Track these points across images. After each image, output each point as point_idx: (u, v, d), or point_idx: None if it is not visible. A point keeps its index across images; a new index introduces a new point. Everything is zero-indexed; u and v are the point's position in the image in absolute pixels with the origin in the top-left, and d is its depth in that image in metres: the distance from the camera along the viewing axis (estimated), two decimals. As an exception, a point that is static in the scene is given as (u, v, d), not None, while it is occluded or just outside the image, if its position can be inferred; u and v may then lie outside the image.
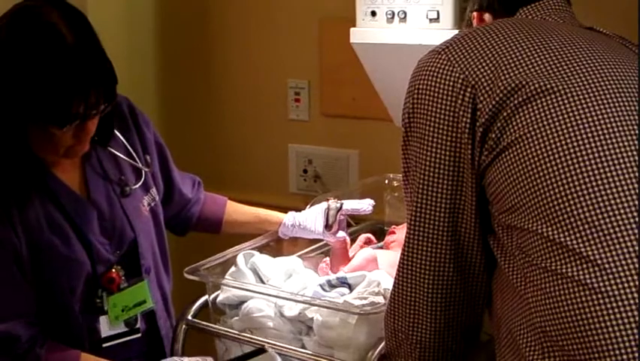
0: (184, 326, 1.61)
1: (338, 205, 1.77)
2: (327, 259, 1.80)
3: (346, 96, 2.30)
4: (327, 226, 1.76)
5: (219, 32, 2.51)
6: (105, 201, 1.56)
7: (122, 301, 1.55)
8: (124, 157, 1.62)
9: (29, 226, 1.45)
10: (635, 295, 0.93)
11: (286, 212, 1.87)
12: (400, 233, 1.86)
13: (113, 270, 1.55)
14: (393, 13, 1.84)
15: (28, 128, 1.40)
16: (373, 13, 1.87)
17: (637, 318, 0.93)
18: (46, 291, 1.47)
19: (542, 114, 1.04)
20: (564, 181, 1.00)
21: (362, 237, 1.89)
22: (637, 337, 0.93)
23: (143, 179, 1.65)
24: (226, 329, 1.60)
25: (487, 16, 1.35)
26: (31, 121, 1.39)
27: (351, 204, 1.79)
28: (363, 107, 2.26)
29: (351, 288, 1.56)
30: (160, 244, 1.69)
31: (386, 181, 2.06)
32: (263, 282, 1.65)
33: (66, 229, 1.49)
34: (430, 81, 1.13)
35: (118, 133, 1.61)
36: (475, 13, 1.37)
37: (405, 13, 1.82)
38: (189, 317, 1.62)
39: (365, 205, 1.80)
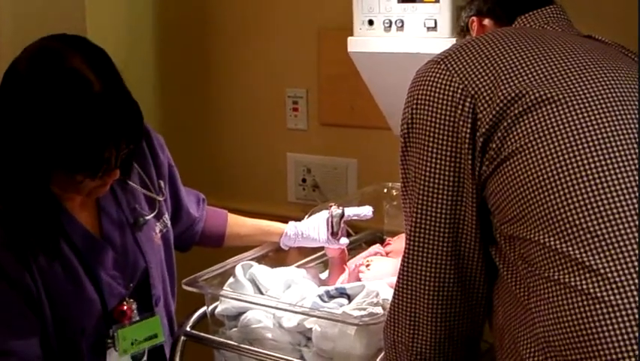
0: (183, 337, 1.60)
1: (340, 212, 1.77)
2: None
3: (344, 105, 2.30)
4: (333, 233, 1.76)
5: (218, 42, 2.51)
6: (118, 235, 1.54)
7: (132, 334, 1.53)
8: (138, 187, 1.59)
9: (42, 266, 1.41)
10: (638, 304, 0.93)
11: (285, 221, 1.86)
12: (396, 243, 1.86)
13: (125, 303, 1.52)
14: (390, 22, 1.84)
15: (53, 174, 1.36)
16: (371, 22, 1.87)
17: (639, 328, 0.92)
18: (57, 329, 1.44)
19: (543, 124, 1.04)
20: (566, 191, 1.00)
21: (372, 249, 1.88)
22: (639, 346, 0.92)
23: (157, 209, 1.63)
24: (225, 340, 1.59)
25: (487, 22, 1.35)
26: (60, 169, 1.35)
27: (353, 210, 1.79)
28: (362, 116, 2.25)
29: (350, 299, 1.55)
30: (169, 268, 1.68)
31: (385, 190, 2.06)
32: (262, 293, 1.64)
33: (77, 268, 1.45)
34: (429, 91, 1.12)
35: (134, 162, 1.57)
36: (474, 18, 1.37)
37: (402, 22, 1.82)
38: (188, 328, 1.60)
39: (366, 210, 1.80)
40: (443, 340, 1.17)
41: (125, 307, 1.52)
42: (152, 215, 1.61)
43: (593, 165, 1.00)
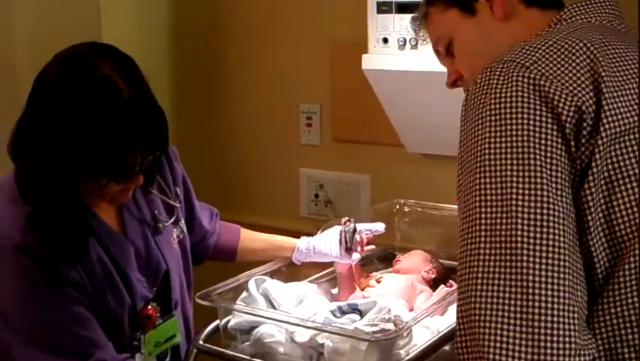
0: (195, 351, 1.61)
1: (353, 227, 1.77)
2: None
3: (358, 121, 2.31)
4: (347, 249, 1.77)
5: (231, 57, 2.53)
6: (141, 238, 1.56)
7: (156, 337, 1.56)
8: (157, 194, 1.62)
9: (85, 265, 1.44)
10: None
11: (298, 236, 1.87)
12: (405, 260, 1.86)
13: (150, 307, 1.55)
14: (404, 40, 1.86)
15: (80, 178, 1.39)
16: (385, 40, 1.89)
17: None
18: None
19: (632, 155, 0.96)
20: None
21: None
22: None
23: (175, 215, 1.66)
24: (237, 354, 1.59)
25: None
26: (87, 173, 1.37)
27: (365, 226, 1.81)
28: (375, 132, 2.26)
29: (362, 314, 1.56)
30: (186, 275, 1.70)
31: (397, 207, 2.07)
32: (274, 307, 1.65)
33: (110, 268, 1.48)
34: (519, 100, 0.96)
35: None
36: None
37: (417, 40, 1.83)
38: (200, 342, 1.61)
39: (377, 226, 1.82)
40: None
41: (150, 311, 1.55)
42: (170, 221, 1.64)
43: None
